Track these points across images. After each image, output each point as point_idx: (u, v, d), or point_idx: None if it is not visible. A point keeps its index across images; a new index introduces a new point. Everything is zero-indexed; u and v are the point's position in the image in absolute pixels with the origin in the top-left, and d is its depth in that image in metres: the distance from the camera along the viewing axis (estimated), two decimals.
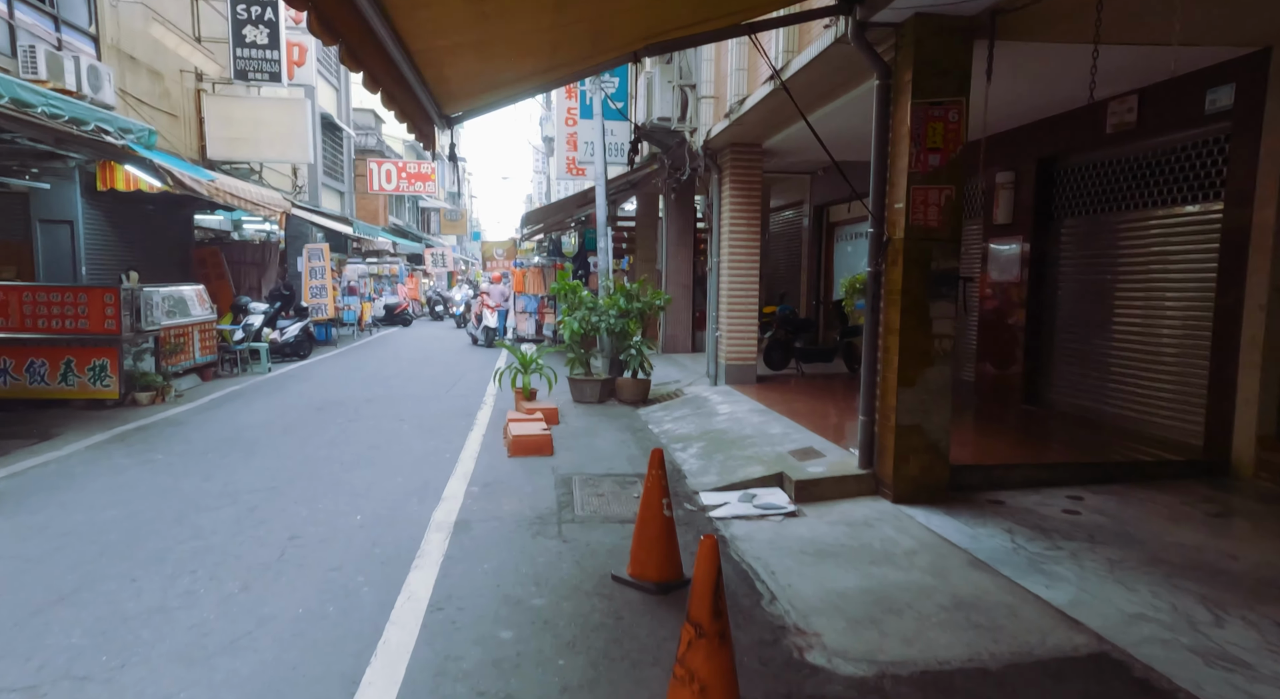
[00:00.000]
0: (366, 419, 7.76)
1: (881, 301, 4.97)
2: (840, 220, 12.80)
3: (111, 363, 8.08)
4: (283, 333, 12.51)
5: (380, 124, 31.48)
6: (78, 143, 7.09)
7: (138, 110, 11.09)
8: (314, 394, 9.32)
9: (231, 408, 8.29)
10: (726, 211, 9.03)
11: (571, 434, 7.15)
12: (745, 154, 8.88)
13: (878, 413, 5.01)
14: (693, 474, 5.72)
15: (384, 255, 23.85)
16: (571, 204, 14.85)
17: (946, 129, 4.61)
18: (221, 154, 13.44)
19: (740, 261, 9.01)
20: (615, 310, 8.96)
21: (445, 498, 5.02)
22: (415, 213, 39.49)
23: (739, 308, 9.04)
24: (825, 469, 5.20)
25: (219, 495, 4.97)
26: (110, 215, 10.92)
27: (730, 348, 9.07)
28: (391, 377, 11.08)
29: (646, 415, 8.18)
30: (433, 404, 8.76)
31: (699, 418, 7.53)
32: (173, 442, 6.53)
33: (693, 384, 9.49)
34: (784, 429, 6.48)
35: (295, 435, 6.90)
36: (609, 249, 10.15)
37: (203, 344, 10.07)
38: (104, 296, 8.05)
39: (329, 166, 23.87)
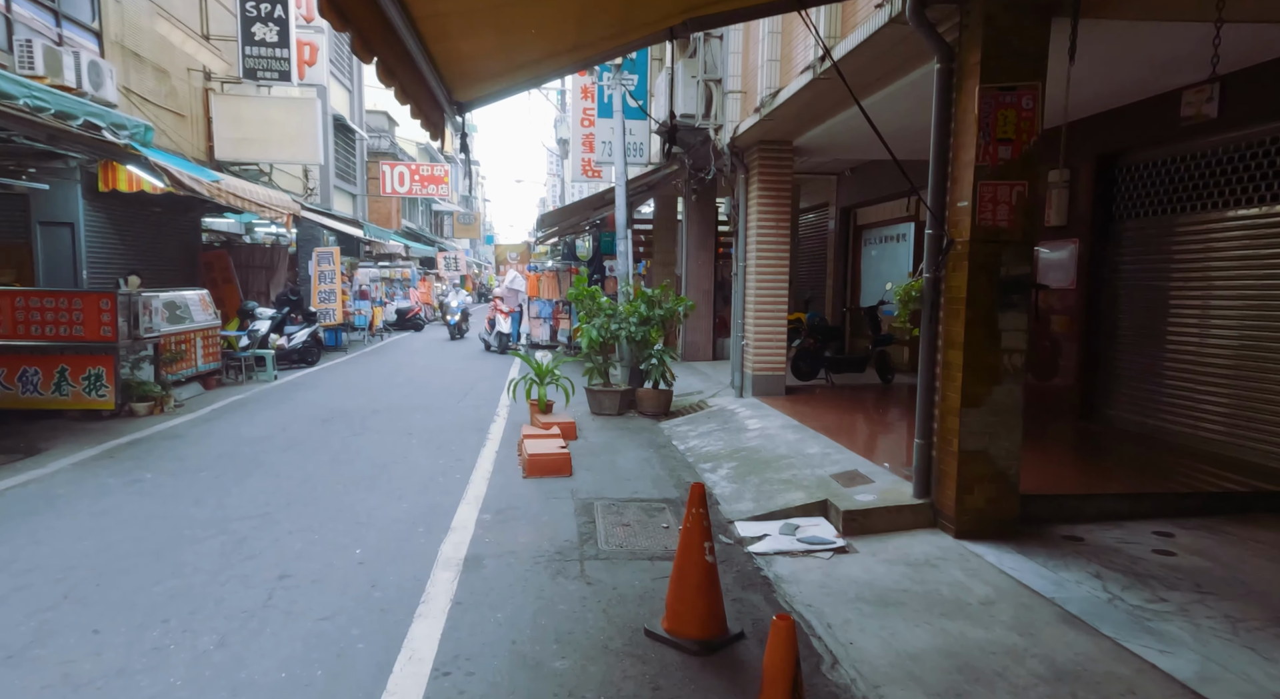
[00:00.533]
0: (373, 432, 7.31)
1: (941, 311, 4.45)
2: (869, 223, 12.26)
3: (107, 372, 7.68)
4: (290, 339, 12.11)
5: (394, 126, 31.23)
6: (71, 140, 6.70)
7: (142, 109, 10.74)
8: (320, 404, 8.89)
9: (232, 419, 7.87)
10: (754, 213, 8.52)
11: (591, 451, 6.65)
12: (774, 152, 8.37)
13: (936, 436, 4.48)
14: (725, 500, 5.21)
15: (396, 259, 23.50)
16: (588, 206, 14.39)
17: (1019, 117, 4.08)
18: (229, 155, 13.09)
19: (768, 266, 8.49)
20: (636, 317, 8.47)
21: (454, 527, 4.54)
22: (429, 216, 39.25)
23: (767, 315, 8.52)
24: (875, 498, 4.67)
25: (207, 523, 4.51)
26: (113, 217, 10.56)
27: (757, 357, 8.55)
28: (401, 385, 10.65)
29: (670, 430, 7.68)
30: (443, 416, 8.31)
31: (727, 434, 7.01)
32: (165, 458, 6.10)
33: (717, 395, 8.98)
34: (822, 448, 5.96)
35: (297, 451, 6.45)
36: (629, 253, 9.68)
37: (205, 351, 9.68)
38: (99, 302, 7.66)
39: (341, 169, 23.59)
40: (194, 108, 12.52)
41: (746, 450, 6.30)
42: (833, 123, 7.25)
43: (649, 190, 14.63)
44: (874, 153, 9.28)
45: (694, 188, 12.12)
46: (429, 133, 3.69)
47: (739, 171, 8.83)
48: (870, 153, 9.28)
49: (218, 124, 12.96)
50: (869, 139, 8.03)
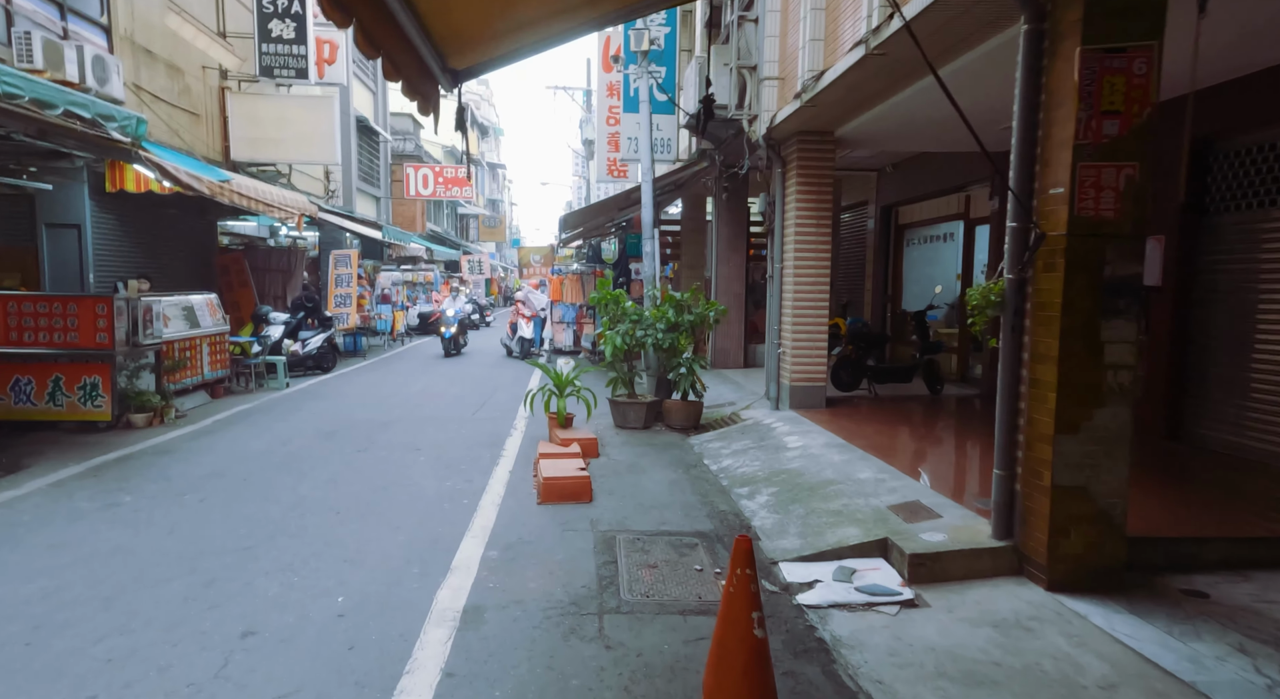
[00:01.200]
0: (379, 449, 6.76)
1: (1028, 319, 3.74)
2: (912, 222, 11.49)
3: (104, 381, 7.25)
4: (304, 344, 11.69)
5: (418, 129, 31.01)
6: (62, 134, 6.27)
7: (153, 107, 10.39)
8: (327, 415, 8.39)
9: (232, 432, 7.39)
10: (792, 211, 7.84)
11: (613, 471, 6.03)
12: (815, 144, 7.68)
13: (1022, 467, 3.77)
14: (767, 533, 4.55)
15: (419, 262, 23.16)
16: (613, 206, 13.80)
17: (1130, 85, 3.37)
18: (245, 155, 12.74)
19: (808, 268, 7.80)
20: (663, 324, 7.83)
21: (455, 567, 3.94)
22: (454, 219, 39.06)
23: (806, 321, 7.83)
24: (946, 537, 3.98)
25: (176, 560, 3.97)
26: (123, 219, 10.22)
27: (795, 367, 7.86)
28: (416, 393, 10.13)
29: (700, 446, 7.03)
30: (456, 429, 7.74)
31: (764, 453, 6.34)
32: (150, 478, 5.60)
33: (750, 407, 8.30)
34: (875, 473, 5.26)
35: (292, 470, 5.92)
36: (656, 254, 9.05)
37: (213, 358, 9.25)
38: (96, 307, 7.23)
39: (365, 171, 23.33)
40: (209, 107, 12.19)
41: (787, 473, 5.62)
42: (880, 109, 6.56)
43: (676, 189, 14.00)
44: (922, 145, 8.56)
45: (724, 186, 11.47)
46: (419, 107, 3.11)
47: (775, 166, 8.16)
48: (918, 145, 8.56)
49: (234, 124, 12.62)
50: (919, 128, 7.34)
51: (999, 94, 5.13)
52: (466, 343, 16.28)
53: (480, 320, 24.18)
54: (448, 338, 15.03)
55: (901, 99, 6.18)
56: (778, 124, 7.56)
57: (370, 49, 2.39)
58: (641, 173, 9.22)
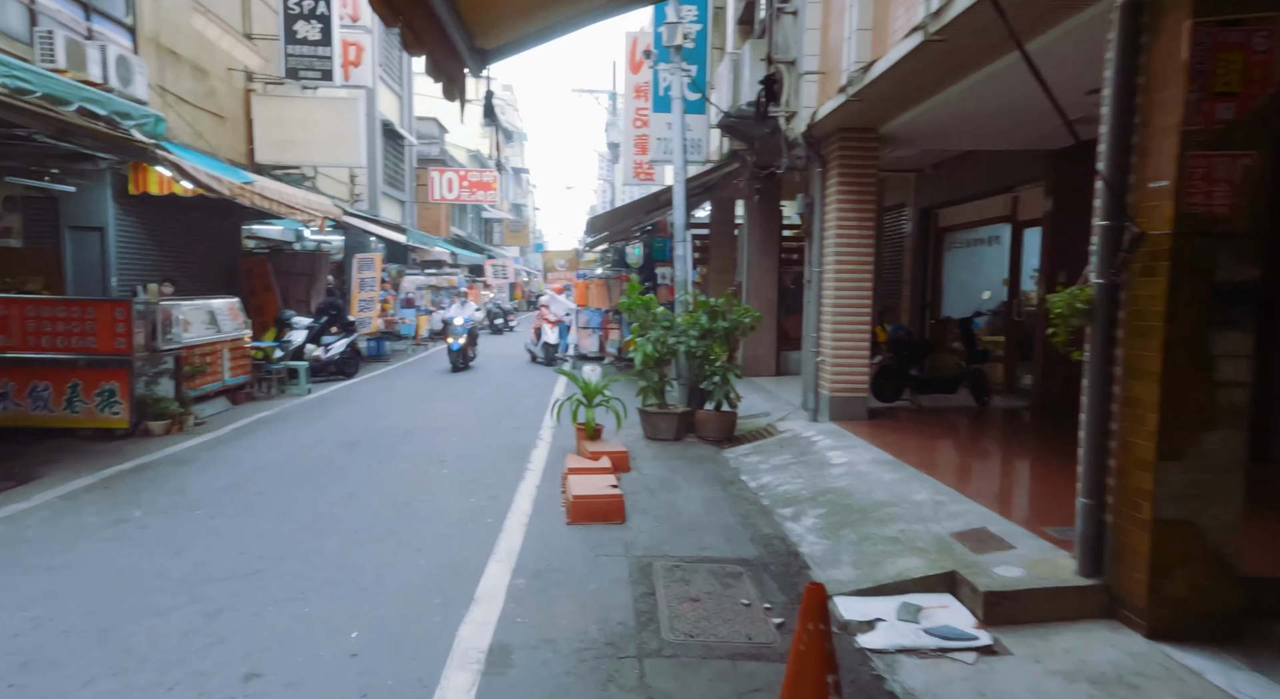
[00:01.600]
0: (400, 459, 6.48)
1: (1121, 329, 3.33)
2: (953, 225, 11.02)
3: (121, 387, 7.06)
4: (327, 350, 11.49)
5: (444, 133, 31.00)
6: (80, 134, 6.09)
7: (178, 109, 10.28)
8: (349, 422, 8.14)
9: (251, 441, 7.16)
10: (833, 211, 7.44)
11: (646, 488, 5.67)
12: (858, 141, 7.29)
13: (1114, 497, 3.35)
14: (817, 562, 4.16)
15: (443, 266, 23.04)
16: (639, 209, 13.48)
17: (1248, 63, 2.96)
18: (270, 158, 12.62)
19: (849, 272, 7.39)
20: (696, 330, 7.47)
21: (479, 597, 3.60)
22: (478, 223, 39.06)
23: (847, 328, 7.42)
24: (1023, 573, 3.56)
25: (181, 585, 3.69)
26: (146, 222, 10.10)
27: (836, 376, 7.45)
28: (439, 401, 9.87)
29: (736, 460, 6.64)
30: (480, 439, 7.44)
31: (806, 469, 5.94)
32: (163, 491, 5.35)
33: (786, 418, 7.89)
34: (932, 494, 4.84)
35: (310, 483, 5.65)
36: (688, 257, 8.69)
37: (234, 363, 9.06)
38: (114, 311, 7.05)
39: (390, 175, 23.28)
40: (234, 109, 12.09)
41: (834, 493, 5.22)
42: (931, 104, 6.15)
43: (706, 192, 13.66)
44: (972, 142, 8.10)
45: (757, 188, 11.08)
46: (444, 90, 2.80)
47: (814, 165, 7.77)
48: (967, 142, 8.10)
49: (258, 126, 12.51)
50: (972, 124, 6.90)
51: (1077, 80, 4.73)
52: (476, 355, 14.37)
53: (504, 325, 24.00)
54: (455, 350, 13.01)
55: (955, 92, 5.77)
56: (818, 121, 7.17)
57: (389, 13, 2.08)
58: (673, 173, 8.88)
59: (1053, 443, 6.53)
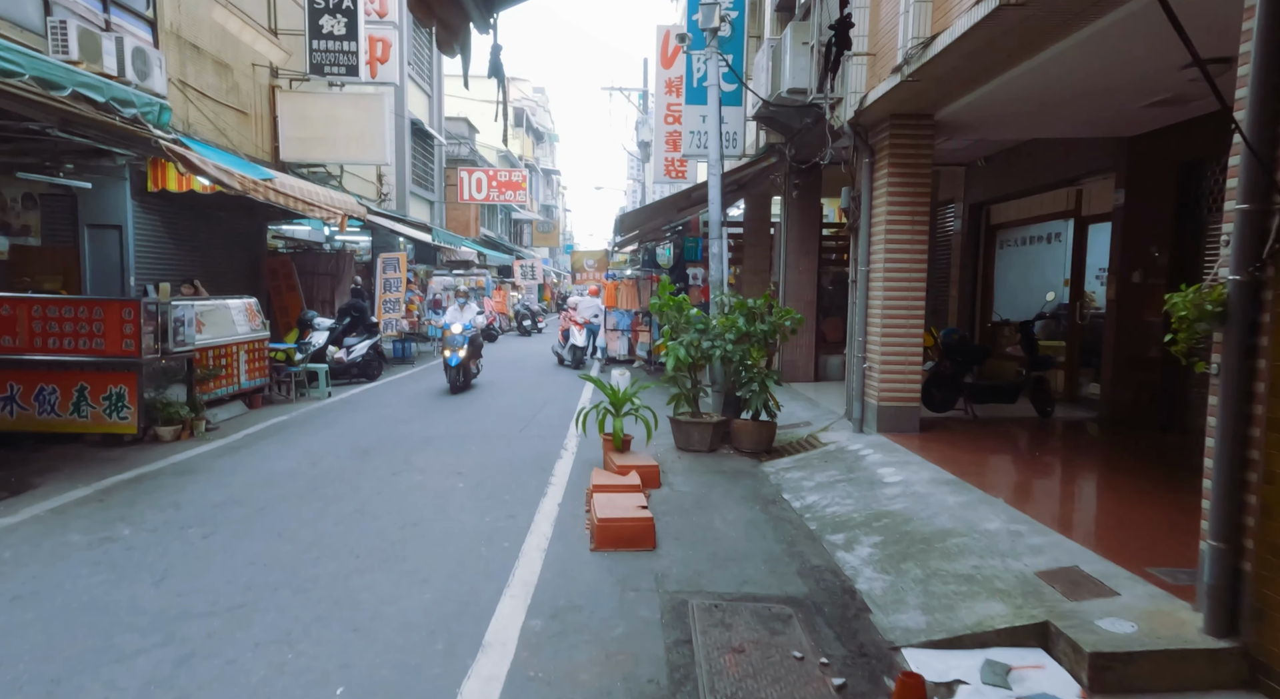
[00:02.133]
0: (415, 471, 6.05)
1: (1264, 337, 2.73)
2: (1007, 221, 10.30)
3: (130, 391, 6.76)
4: (349, 352, 11.19)
5: (474, 133, 30.84)
6: (84, 124, 5.79)
7: (199, 105, 10.04)
8: (366, 429, 7.76)
9: (263, 448, 6.80)
10: (883, 205, 6.85)
11: (679, 507, 5.16)
12: (911, 128, 6.69)
13: (1255, 540, 2.75)
14: (877, 603, 3.60)
15: (471, 267, 22.78)
16: (671, 206, 12.96)
17: None
18: (295, 155, 12.37)
19: (900, 271, 6.80)
20: (733, 334, 6.93)
21: (488, 643, 3.12)
22: (508, 224, 38.92)
23: (898, 332, 6.82)
24: (1135, 627, 2.97)
25: (154, 622, 3.27)
26: (167, 220, 9.88)
27: (884, 384, 6.85)
28: (464, 405, 9.46)
29: (777, 476, 6.09)
30: (501, 448, 7.00)
31: (856, 488, 5.37)
32: (159, 505, 4.98)
33: (829, 428, 7.31)
34: (1006, 522, 4.25)
35: (317, 497, 5.24)
36: (723, 256, 8.15)
37: (250, 366, 8.75)
38: (122, 312, 6.75)
39: (419, 175, 23.11)
40: (259, 105, 11.85)
41: (890, 517, 4.65)
42: (997, 84, 5.54)
43: (740, 189, 13.13)
44: (1036, 129, 7.44)
45: (795, 183, 10.51)
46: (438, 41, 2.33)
47: (862, 155, 7.18)
48: (1032, 129, 7.44)
49: (283, 123, 12.27)
50: (1040, 107, 6.26)
51: (1168, 53, 4.10)
52: (480, 371, 11.70)
53: (532, 327, 23.67)
54: (453, 365, 10.34)
55: (1026, 70, 5.16)
56: (867, 106, 6.58)
57: None
58: (708, 166, 8.34)
59: (1140, 462, 5.87)
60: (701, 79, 11.00)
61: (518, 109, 42.57)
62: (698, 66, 11.17)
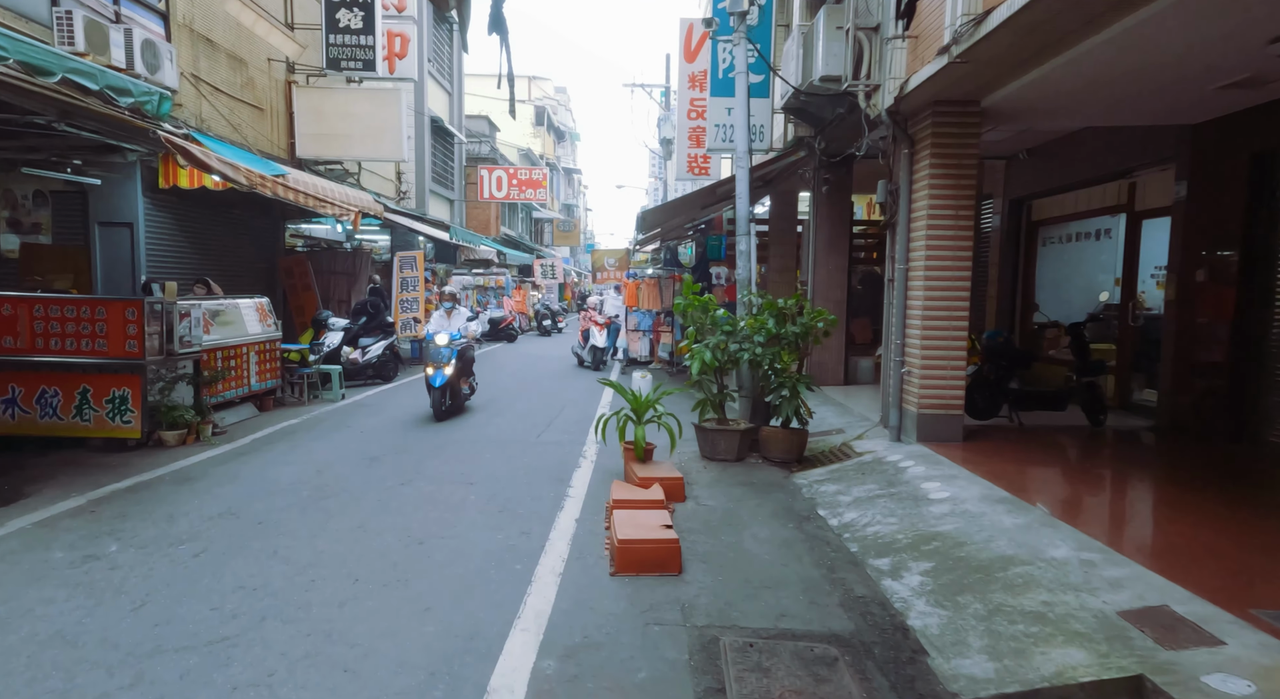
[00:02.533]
0: (425, 480, 5.72)
1: None
2: (1051, 217, 9.76)
3: (133, 394, 6.51)
4: (364, 352, 10.93)
5: (495, 131, 30.65)
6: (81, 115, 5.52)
7: (213, 100, 9.83)
8: (377, 434, 7.45)
9: (268, 455, 6.51)
10: (924, 199, 6.39)
11: (705, 524, 4.76)
12: (956, 115, 6.23)
13: None
14: (934, 644, 3.17)
15: (491, 266, 22.53)
16: (695, 202, 12.54)
17: None
18: (311, 152, 12.15)
19: (943, 269, 6.34)
20: (762, 335, 6.51)
21: (494, 690, 2.76)
22: (528, 223, 38.73)
23: (939, 334, 6.36)
24: (1253, 690, 2.52)
25: (125, 659, 2.94)
26: (180, 218, 9.68)
27: (925, 390, 6.40)
28: (480, 408, 9.14)
29: (810, 489, 5.67)
30: (518, 455, 6.65)
31: (898, 504, 4.93)
32: (152, 518, 4.69)
33: (864, 436, 6.88)
34: (1074, 549, 3.79)
35: (319, 510, 4.91)
36: (751, 253, 7.72)
37: (261, 367, 8.50)
38: (125, 311, 6.50)
39: (439, 173, 22.92)
40: (274, 101, 11.64)
41: (940, 540, 4.21)
42: (1053, 65, 5.06)
43: (765, 185, 12.69)
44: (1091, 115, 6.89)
45: (825, 178, 10.06)
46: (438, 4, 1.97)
47: (900, 146, 6.73)
48: (1086, 116, 6.90)
49: (299, 119, 12.06)
50: (1097, 91, 5.77)
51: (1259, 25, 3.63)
52: (474, 390, 9.56)
53: (552, 326, 23.37)
54: (437, 384, 8.23)
55: (1090, 48, 4.68)
56: (908, 93, 6.13)
57: None
58: (735, 159, 7.92)
59: (1216, 478, 5.38)
60: (727, 69, 10.58)
61: (539, 107, 42.39)
62: (723, 56, 10.76)
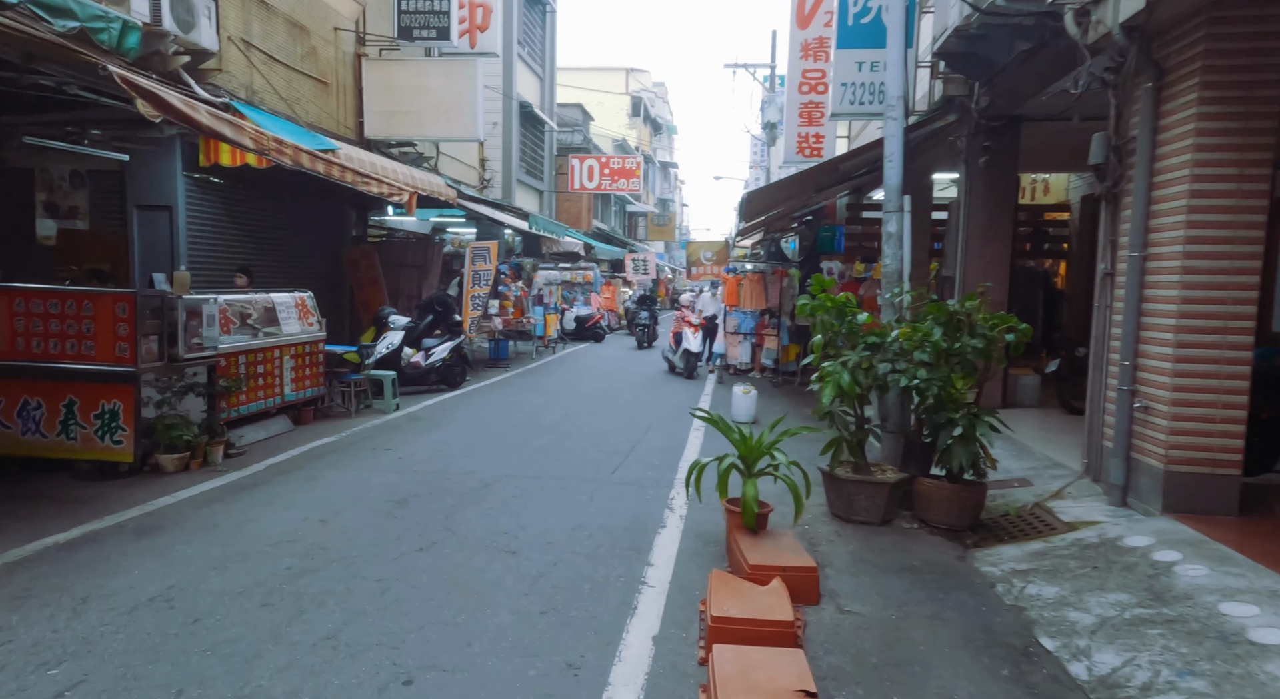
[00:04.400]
0: (453, 543, 4.17)
1: None
2: None
3: (125, 407, 5.34)
4: (427, 355, 9.65)
5: (588, 121, 29.41)
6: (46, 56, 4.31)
7: (268, 70, 8.75)
8: (417, 462, 6.03)
9: (274, 490, 5.18)
10: (1185, 151, 4.28)
11: (858, 663, 2.95)
12: (1249, 21, 4.09)
13: None
14: None
15: (578, 260, 21.20)
16: (811, 179, 10.48)
17: None
18: (380, 131, 11.04)
19: (1215, 256, 4.23)
20: (927, 352, 4.58)
21: None
22: (621, 217, 37.42)
23: (1206, 351, 4.26)
24: None
25: None
26: (228, 202, 8.68)
27: (1177, 436, 4.30)
28: (547, 427, 7.61)
29: (1010, 586, 3.73)
30: (582, 502, 5.03)
31: (1191, 645, 2.93)
32: (56, 603, 3.34)
33: (1065, 495, 4.84)
34: None
35: (288, 599, 3.44)
36: (905, 236, 5.77)
37: (299, 373, 7.29)
38: (115, 306, 5.32)
39: (529, 163, 21.81)
40: (341, 75, 10.56)
41: None
42: None
43: None
44: None
45: (985, 146, 7.90)
46: None
47: (1142, 77, 4.62)
48: None
49: (369, 95, 10.95)
50: None
51: None
52: None
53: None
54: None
55: None
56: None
57: None
58: (885, 110, 5.96)
59: None
60: (859, 14, 8.59)
61: (635, 97, 40.98)
62: None
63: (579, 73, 33.75)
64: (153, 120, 4.23)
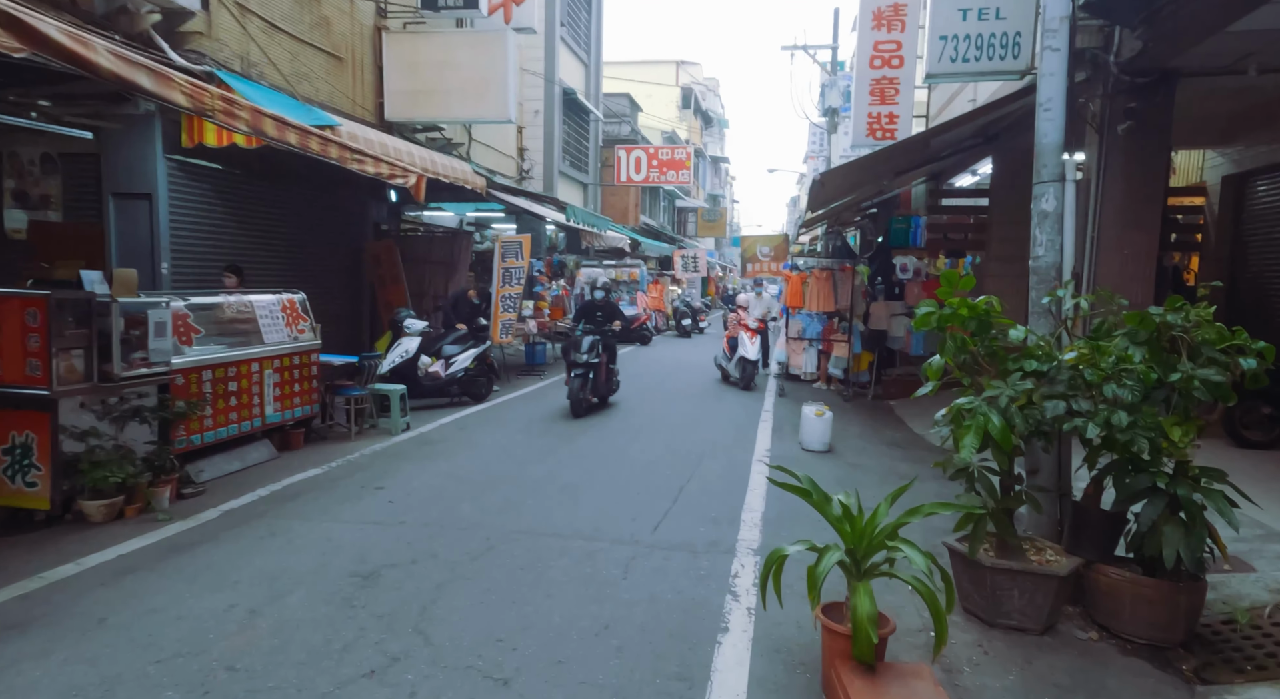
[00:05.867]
0: (425, 660, 2.87)
1: None
2: None
3: (39, 441, 4.21)
4: (448, 364, 8.44)
5: (636, 111, 28.06)
6: None
7: (267, 40, 7.65)
8: (408, 511, 4.77)
9: (211, 557, 3.97)
10: None
11: None
12: None
13: None
14: None
15: (624, 257, 19.89)
16: (888, 162, 8.88)
17: None
18: (402, 113, 9.91)
19: None
20: (1130, 389, 3.06)
21: None
22: (670, 212, 35.99)
23: None
24: None
25: None
26: (216, 189, 7.59)
27: None
28: (578, 456, 6.29)
29: None
30: (609, 582, 3.67)
31: None
32: None
33: None
34: None
35: None
36: (1067, 213, 4.25)
37: (285, 390, 6.13)
38: (25, 313, 4.20)
39: (572, 154, 20.58)
40: (359, 50, 9.45)
41: None
42: None
43: (985, 143, 9.09)
44: None
45: (1128, 108, 6.26)
46: None
47: None
48: None
49: (390, 73, 9.83)
50: None
51: None
52: None
53: (693, 326, 20.35)
54: None
55: None
56: None
57: None
58: (1041, 37, 4.46)
59: None
60: None
61: (685, 89, 39.51)
62: None
63: (627, 67, 32.50)
64: (12, 54, 3.05)
